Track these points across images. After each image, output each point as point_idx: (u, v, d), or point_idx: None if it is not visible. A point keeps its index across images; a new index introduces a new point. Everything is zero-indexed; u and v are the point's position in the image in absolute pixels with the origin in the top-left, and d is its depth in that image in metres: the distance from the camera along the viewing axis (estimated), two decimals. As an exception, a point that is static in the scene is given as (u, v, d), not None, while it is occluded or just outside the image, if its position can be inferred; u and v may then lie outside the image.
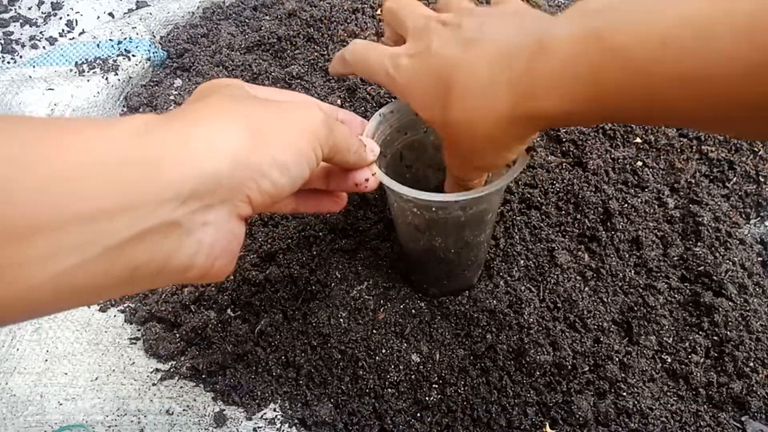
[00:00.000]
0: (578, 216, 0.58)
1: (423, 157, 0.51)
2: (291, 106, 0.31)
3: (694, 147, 0.64)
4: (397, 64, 0.37)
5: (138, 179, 0.24)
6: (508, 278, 0.54)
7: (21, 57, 0.80)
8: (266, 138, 0.28)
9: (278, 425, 0.48)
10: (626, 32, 0.27)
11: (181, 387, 0.51)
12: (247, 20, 0.83)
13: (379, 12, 0.79)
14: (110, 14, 0.86)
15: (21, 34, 0.83)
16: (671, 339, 0.51)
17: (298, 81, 0.71)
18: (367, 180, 0.39)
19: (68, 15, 0.84)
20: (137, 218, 0.24)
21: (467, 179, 0.41)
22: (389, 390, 0.48)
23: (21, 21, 0.84)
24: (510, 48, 0.32)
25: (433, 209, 0.42)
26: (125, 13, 0.86)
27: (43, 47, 0.81)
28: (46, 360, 0.52)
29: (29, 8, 0.86)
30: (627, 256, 0.56)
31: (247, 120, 0.28)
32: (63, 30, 0.83)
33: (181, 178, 0.25)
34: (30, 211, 0.21)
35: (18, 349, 0.53)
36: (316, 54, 0.74)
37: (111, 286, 0.24)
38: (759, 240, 0.59)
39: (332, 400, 0.49)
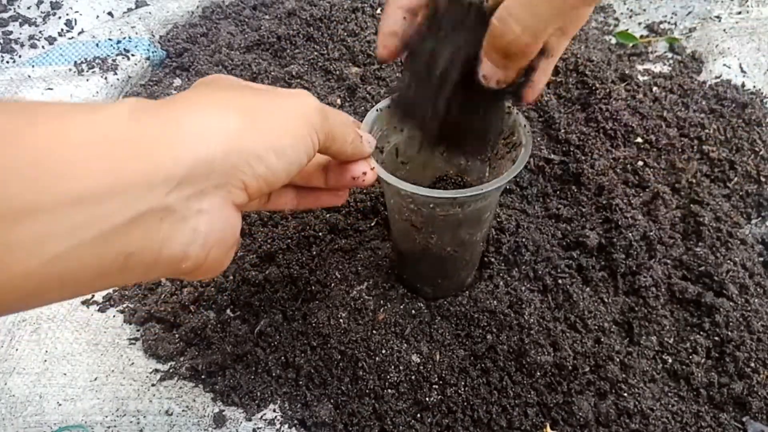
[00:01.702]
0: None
1: (419, 156, 0.51)
2: (285, 93, 0.32)
3: (695, 147, 0.64)
4: None
5: (127, 161, 0.23)
6: (509, 278, 0.54)
7: (20, 56, 0.80)
8: (261, 123, 0.28)
9: (278, 426, 0.48)
10: None
11: (181, 387, 0.50)
12: (246, 19, 0.83)
13: (378, 11, 0.79)
14: (109, 13, 0.86)
15: (20, 33, 0.83)
16: (672, 339, 0.51)
17: (298, 80, 0.71)
18: (365, 173, 0.38)
19: (67, 14, 0.84)
20: (129, 202, 0.23)
21: (540, 35, 0.33)
22: (389, 391, 0.48)
23: (20, 20, 0.84)
24: None
25: (431, 205, 0.41)
26: (124, 13, 0.86)
27: (42, 47, 0.81)
28: (45, 360, 0.52)
29: (28, 7, 0.86)
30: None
31: (241, 106, 0.28)
32: (62, 29, 0.83)
33: (172, 161, 0.24)
34: (20, 192, 0.20)
35: (17, 350, 0.53)
36: (315, 53, 0.74)
37: (104, 275, 0.24)
38: (760, 240, 0.59)
39: (332, 401, 0.49)
